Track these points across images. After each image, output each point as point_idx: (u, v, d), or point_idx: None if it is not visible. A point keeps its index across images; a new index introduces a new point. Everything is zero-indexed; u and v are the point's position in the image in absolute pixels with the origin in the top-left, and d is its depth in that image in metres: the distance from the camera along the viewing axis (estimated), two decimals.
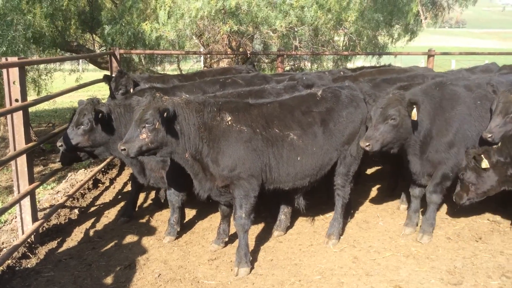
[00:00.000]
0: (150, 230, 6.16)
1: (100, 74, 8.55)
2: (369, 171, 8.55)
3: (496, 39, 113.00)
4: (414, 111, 5.17)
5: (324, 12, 9.56)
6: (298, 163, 5.04)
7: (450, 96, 5.63)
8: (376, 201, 7.09)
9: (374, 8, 10.15)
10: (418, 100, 5.24)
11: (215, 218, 6.42)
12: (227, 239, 5.62)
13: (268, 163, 4.90)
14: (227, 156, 4.69)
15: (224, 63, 12.23)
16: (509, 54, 16.64)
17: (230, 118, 4.75)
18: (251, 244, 5.57)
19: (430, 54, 11.20)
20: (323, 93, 5.45)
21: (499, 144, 5.38)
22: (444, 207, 6.64)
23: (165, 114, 4.45)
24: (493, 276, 4.84)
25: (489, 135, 5.35)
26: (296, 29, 10.48)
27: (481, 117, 5.69)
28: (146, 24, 10.24)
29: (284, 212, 5.99)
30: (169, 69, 18.08)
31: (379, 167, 8.60)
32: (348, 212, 6.24)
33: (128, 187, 7.77)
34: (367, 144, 5.09)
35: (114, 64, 9.49)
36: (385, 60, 15.34)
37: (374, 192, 7.52)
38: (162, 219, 6.50)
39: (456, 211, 6.58)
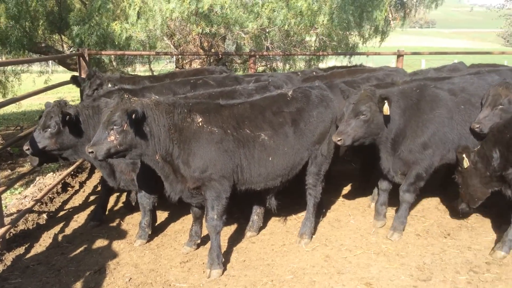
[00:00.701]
0: (121, 234, 6.07)
1: (69, 75, 8.37)
2: (341, 170, 8.62)
3: (464, 39, 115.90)
4: (386, 106, 5.24)
5: (294, 15, 9.63)
6: (269, 163, 5.05)
7: (430, 98, 5.69)
8: (348, 199, 7.17)
9: (344, 9, 10.26)
10: (389, 96, 5.31)
11: (187, 220, 6.37)
12: (199, 241, 5.59)
13: (240, 164, 4.89)
14: (198, 157, 4.66)
15: (196, 64, 12.17)
16: (477, 53, 17.06)
17: (201, 119, 4.72)
18: (224, 245, 5.56)
19: (399, 54, 11.39)
20: (293, 93, 5.47)
21: (479, 145, 5.48)
22: (413, 205, 6.76)
23: (133, 116, 4.38)
24: (461, 271, 4.95)
25: (477, 126, 5.52)
26: (267, 30, 10.52)
27: (464, 122, 5.74)
28: (115, 25, 10.09)
29: (256, 213, 5.99)
30: (141, 70, 17.88)
31: (351, 167, 8.69)
32: (320, 211, 6.29)
33: (98, 191, 7.63)
34: (339, 138, 5.19)
35: (83, 65, 9.32)
36: (357, 60, 15.57)
37: (346, 191, 7.60)
38: (133, 222, 6.41)
39: (426, 208, 6.73)
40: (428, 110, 5.61)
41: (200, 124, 4.70)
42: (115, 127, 4.43)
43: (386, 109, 5.26)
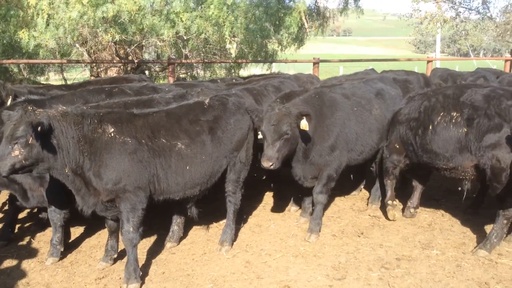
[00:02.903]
0: (32, 253, 5.71)
1: None
2: (262, 176, 8.75)
3: (378, 46, 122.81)
4: (304, 122, 5.44)
5: (210, 25, 9.68)
6: (187, 172, 5.01)
7: (329, 103, 6.01)
8: (269, 204, 7.29)
9: (260, 18, 10.48)
10: (310, 112, 5.53)
11: (103, 235, 6.13)
12: (115, 256, 5.41)
13: (156, 173, 4.80)
14: (110, 169, 4.52)
15: (112, 72, 11.81)
16: (385, 60, 18.21)
17: (112, 129, 4.58)
18: (143, 258, 5.43)
19: (315, 62, 11.83)
20: (210, 101, 5.49)
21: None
22: (330, 206, 7.04)
23: (39, 128, 4.16)
24: (374, 268, 5.20)
25: None
26: (185, 38, 10.47)
27: (358, 122, 6.18)
28: (23, 32, 9.52)
29: (177, 223, 5.91)
30: (56, 78, 17.02)
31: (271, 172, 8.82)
32: (241, 217, 6.34)
33: (6, 208, 7.13)
34: (270, 164, 5.30)
35: None
36: (278, 67, 15.95)
37: (267, 196, 7.71)
38: (45, 240, 6.05)
39: (341, 209, 7.02)
40: (329, 114, 5.91)
41: (112, 134, 4.56)
42: (19, 141, 4.18)
43: (305, 125, 5.46)
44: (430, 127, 5.73)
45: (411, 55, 79.52)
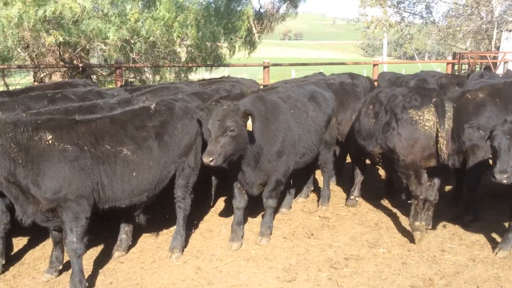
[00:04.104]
0: None
1: None
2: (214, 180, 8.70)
3: (328, 50, 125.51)
4: (249, 122, 5.34)
5: (159, 26, 9.53)
6: (133, 179, 4.90)
7: (272, 107, 5.97)
8: (220, 209, 7.25)
9: (210, 21, 10.44)
10: (253, 111, 5.45)
11: (48, 246, 5.88)
12: (61, 267, 5.20)
13: (100, 181, 4.67)
14: (49, 177, 4.35)
15: (57, 77, 11.40)
16: (333, 64, 18.68)
17: (50, 136, 4.42)
18: (89, 268, 5.27)
19: (264, 66, 11.92)
20: (156, 106, 5.40)
21: None
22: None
23: None
24: (323, 268, 5.28)
25: None
26: (133, 42, 10.27)
27: (298, 124, 6.20)
28: None
29: (125, 231, 5.76)
30: None
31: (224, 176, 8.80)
32: (192, 223, 6.28)
33: None
34: (211, 159, 5.06)
35: None
36: (228, 71, 15.92)
37: (219, 201, 7.66)
38: None
39: (292, 211, 7.09)
40: (273, 119, 5.88)
41: (50, 142, 4.39)
42: None
43: (249, 125, 5.36)
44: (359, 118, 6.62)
45: (359, 58, 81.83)
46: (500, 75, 12.64)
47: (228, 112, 5.28)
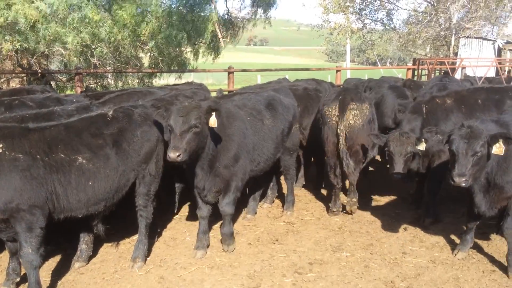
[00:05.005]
0: None
1: None
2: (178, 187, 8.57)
3: (293, 56, 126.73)
4: (213, 118, 5.24)
5: (120, 28, 9.33)
6: (89, 188, 4.75)
7: (227, 114, 5.85)
8: (185, 216, 7.14)
9: (173, 25, 10.32)
10: (220, 107, 5.36)
11: (5, 258, 5.64)
12: (18, 279, 4.98)
13: (54, 191, 4.50)
14: None
15: (15, 83, 11.02)
16: (298, 69, 18.82)
17: (1, 145, 4.23)
18: (47, 280, 5.09)
19: (229, 71, 11.87)
20: (114, 113, 5.26)
21: None
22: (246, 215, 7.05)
23: None
24: (287, 274, 5.26)
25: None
26: (93, 46, 10.03)
27: (254, 132, 6.12)
28: None
29: (85, 241, 5.58)
30: None
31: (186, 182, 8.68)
32: (155, 231, 6.15)
33: None
34: (178, 154, 4.88)
35: None
36: (193, 77, 15.84)
37: (183, 208, 7.54)
38: None
39: (257, 217, 7.05)
40: (229, 125, 5.79)
41: (1, 150, 4.21)
42: None
43: (213, 121, 5.25)
44: None
45: (324, 64, 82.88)
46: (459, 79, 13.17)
47: (191, 109, 5.19)
